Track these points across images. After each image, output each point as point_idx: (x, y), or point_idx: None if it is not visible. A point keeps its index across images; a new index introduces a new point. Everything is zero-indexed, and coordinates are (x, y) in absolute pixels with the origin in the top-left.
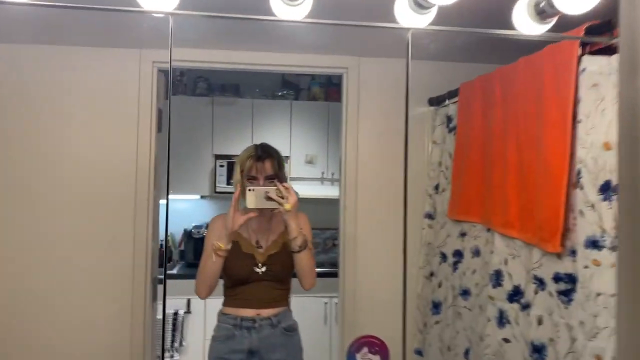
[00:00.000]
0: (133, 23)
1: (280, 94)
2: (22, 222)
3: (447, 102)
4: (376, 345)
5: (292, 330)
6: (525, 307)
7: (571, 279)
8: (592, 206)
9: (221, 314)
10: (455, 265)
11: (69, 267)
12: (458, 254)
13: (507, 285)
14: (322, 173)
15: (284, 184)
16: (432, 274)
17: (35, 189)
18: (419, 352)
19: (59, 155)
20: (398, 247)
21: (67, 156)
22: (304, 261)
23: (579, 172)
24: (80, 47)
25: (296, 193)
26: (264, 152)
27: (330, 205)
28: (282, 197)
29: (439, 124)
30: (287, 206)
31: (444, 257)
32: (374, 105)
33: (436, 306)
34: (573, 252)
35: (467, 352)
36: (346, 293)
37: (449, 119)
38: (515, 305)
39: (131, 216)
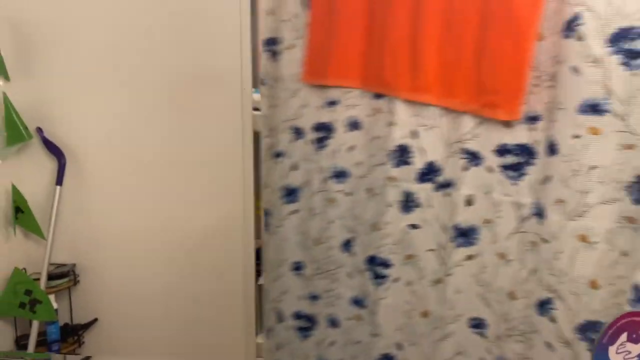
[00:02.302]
0: None
1: None
2: None
3: None
4: None
5: None
6: (444, 186)
7: (525, 150)
8: (595, 61)
9: None
10: (320, 142)
11: None
12: (324, 128)
13: (418, 163)
14: None
15: None
16: (278, 155)
17: None
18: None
19: None
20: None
21: None
22: None
23: (575, 18)
24: None
25: None
26: None
27: None
28: None
29: None
30: None
31: (297, 132)
32: None
33: (291, 193)
34: (533, 119)
35: (347, 244)
36: None
37: None
38: (428, 185)
39: None
